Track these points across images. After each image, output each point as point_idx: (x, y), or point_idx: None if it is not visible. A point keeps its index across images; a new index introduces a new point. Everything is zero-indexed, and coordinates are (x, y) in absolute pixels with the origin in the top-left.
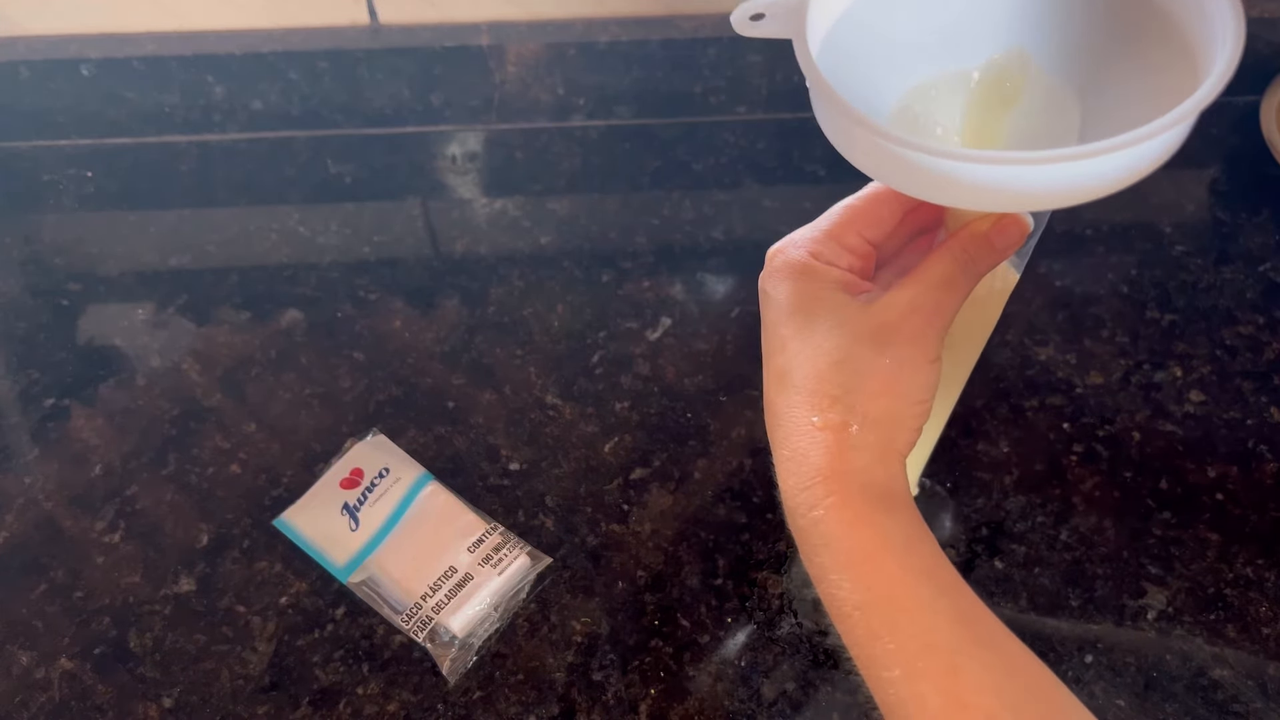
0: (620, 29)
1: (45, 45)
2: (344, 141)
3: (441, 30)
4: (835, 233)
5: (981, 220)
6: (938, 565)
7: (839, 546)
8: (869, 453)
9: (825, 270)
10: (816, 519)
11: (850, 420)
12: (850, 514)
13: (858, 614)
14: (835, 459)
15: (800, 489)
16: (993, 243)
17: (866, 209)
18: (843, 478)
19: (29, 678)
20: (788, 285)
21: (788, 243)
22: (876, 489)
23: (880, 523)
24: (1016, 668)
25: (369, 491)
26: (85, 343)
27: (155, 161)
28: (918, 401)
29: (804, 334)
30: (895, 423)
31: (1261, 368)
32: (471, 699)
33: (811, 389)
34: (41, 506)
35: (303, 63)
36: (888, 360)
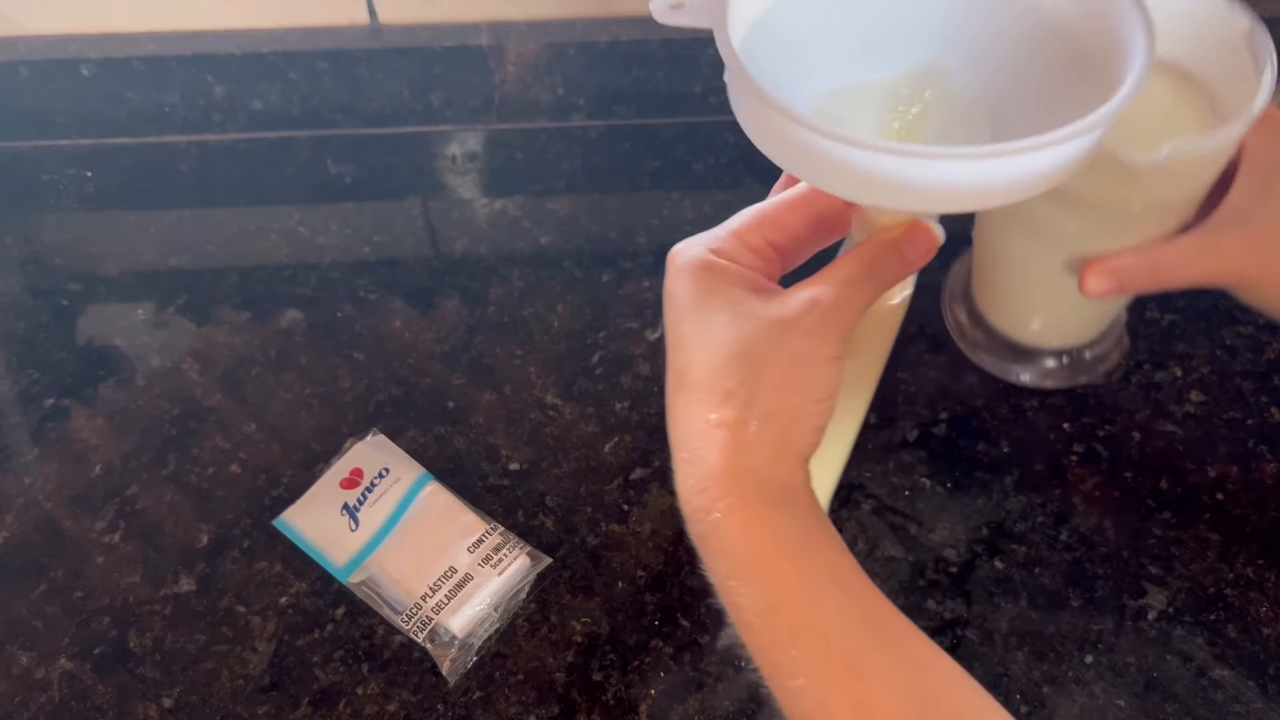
0: (620, 29)
1: (45, 45)
2: (344, 141)
3: (441, 30)
4: (739, 233)
5: (892, 229)
6: (840, 565)
7: (736, 551)
8: (765, 450)
9: (725, 266)
10: (713, 524)
11: (747, 417)
12: (746, 515)
13: (759, 621)
14: (731, 458)
15: (696, 491)
16: (902, 251)
17: (773, 213)
18: (739, 477)
19: (29, 678)
20: (686, 282)
21: (689, 242)
22: (773, 488)
23: (777, 523)
24: (924, 666)
25: (369, 491)
26: (85, 343)
27: (155, 161)
28: (818, 399)
29: (701, 330)
30: (794, 419)
31: (1261, 368)
32: (471, 699)
33: (708, 385)
34: (41, 506)
35: (303, 62)
36: (786, 354)
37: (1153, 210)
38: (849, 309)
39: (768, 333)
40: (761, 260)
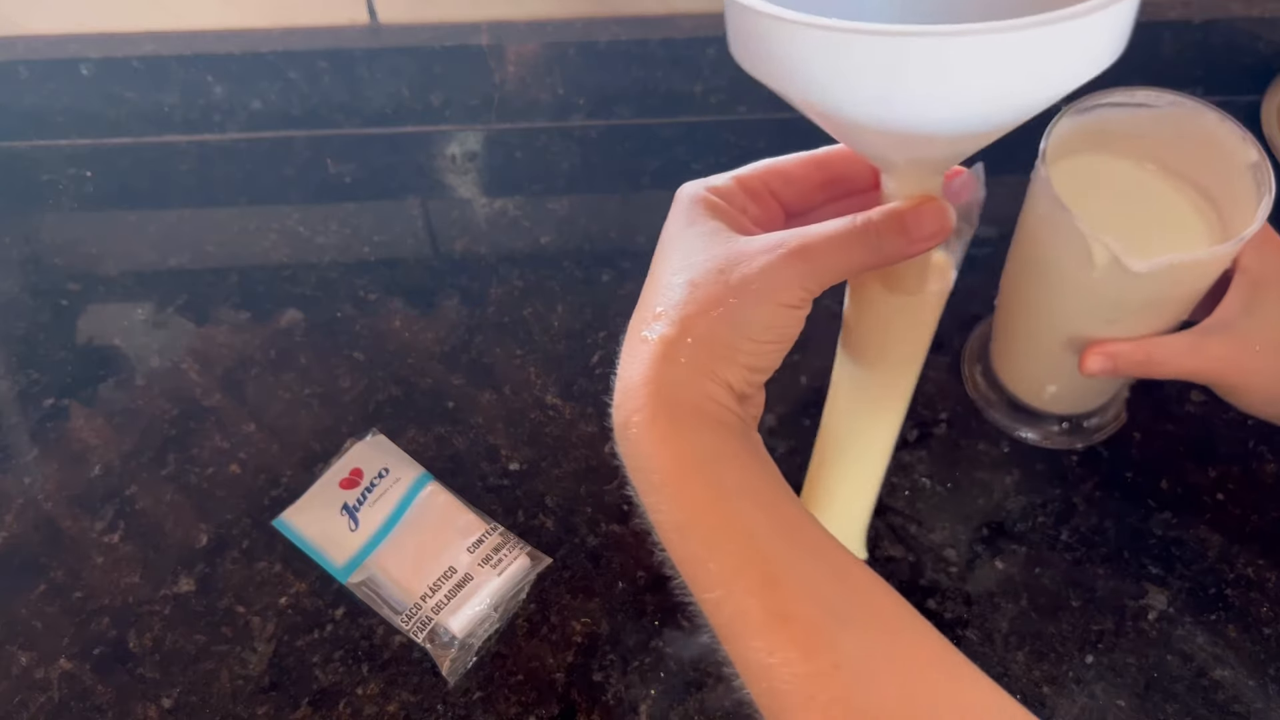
0: (620, 28)
1: (44, 45)
2: (344, 141)
3: (441, 30)
4: (741, 176)
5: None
6: (759, 481)
7: (653, 465)
8: (686, 369)
9: (714, 203)
10: (633, 437)
11: (676, 337)
12: (661, 429)
13: (676, 536)
14: (651, 372)
15: (617, 407)
16: (905, 224)
17: (784, 164)
18: (656, 390)
19: (28, 678)
20: (675, 215)
21: (694, 183)
22: (690, 405)
23: (690, 437)
24: (841, 574)
25: (368, 492)
26: (84, 343)
27: (155, 161)
28: (755, 339)
29: (669, 257)
30: (724, 348)
31: None
32: (471, 699)
33: (649, 302)
34: (41, 507)
35: (302, 62)
36: (730, 286)
37: (1152, 306)
38: (821, 262)
39: (721, 262)
40: (757, 206)
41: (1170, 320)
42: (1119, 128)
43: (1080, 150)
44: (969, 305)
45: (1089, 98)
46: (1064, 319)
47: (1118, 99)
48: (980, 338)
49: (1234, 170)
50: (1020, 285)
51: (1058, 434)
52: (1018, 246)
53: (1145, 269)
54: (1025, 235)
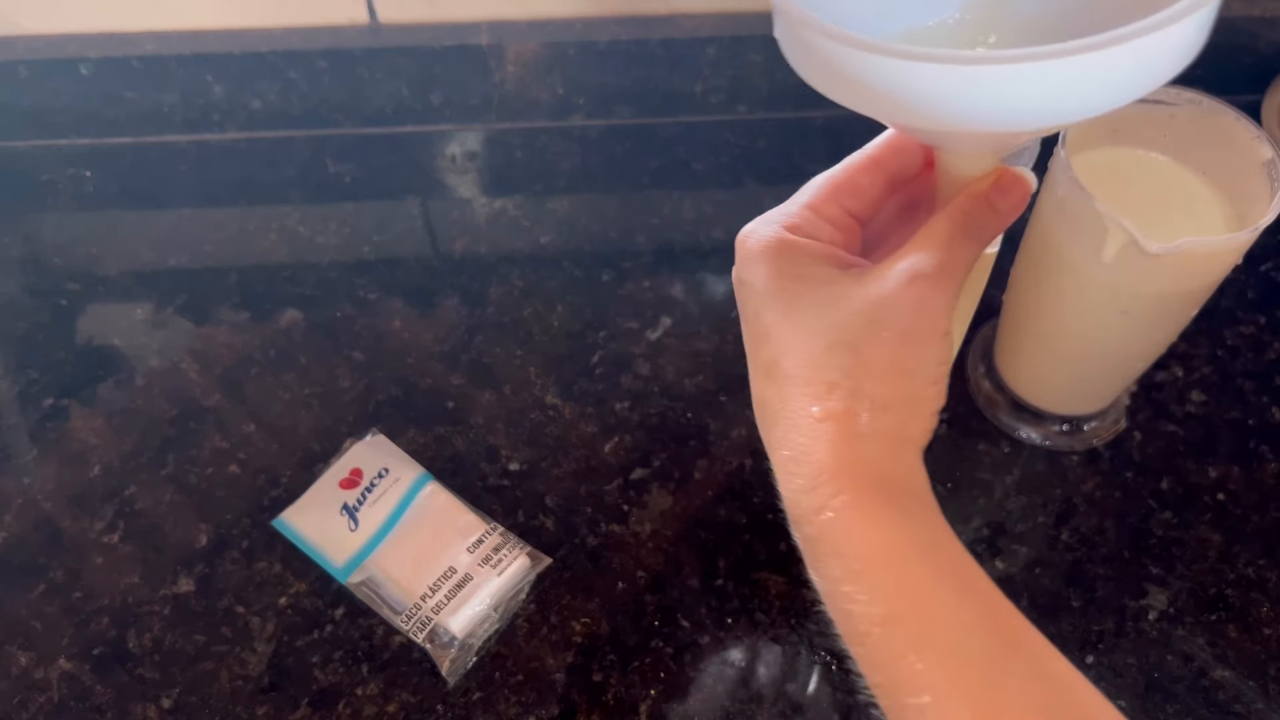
0: (620, 28)
1: (44, 45)
2: (343, 141)
3: (441, 29)
4: (813, 204)
5: (981, 180)
6: (965, 567)
7: (852, 553)
8: (881, 443)
9: (806, 245)
10: (825, 524)
11: (856, 407)
12: (863, 514)
13: (878, 631)
14: (842, 452)
15: (804, 491)
16: (994, 203)
17: (846, 178)
18: (853, 473)
19: (28, 678)
20: (764, 267)
21: (759, 222)
22: (893, 484)
23: (898, 522)
24: (1060, 681)
25: (368, 492)
26: (84, 343)
27: (154, 161)
28: (930, 381)
29: (791, 317)
30: (908, 406)
31: (1263, 368)
32: (471, 700)
33: (807, 376)
34: (40, 507)
35: (302, 62)
36: (891, 336)
37: (1165, 299)
38: (952, 276)
39: (868, 314)
40: (841, 232)
41: (1182, 315)
42: (1135, 123)
43: (1096, 144)
44: None
45: None
46: (1076, 311)
47: None
48: (985, 339)
49: (1249, 167)
50: (1032, 277)
51: (1057, 435)
52: (1031, 237)
53: (1161, 250)
54: (1039, 224)
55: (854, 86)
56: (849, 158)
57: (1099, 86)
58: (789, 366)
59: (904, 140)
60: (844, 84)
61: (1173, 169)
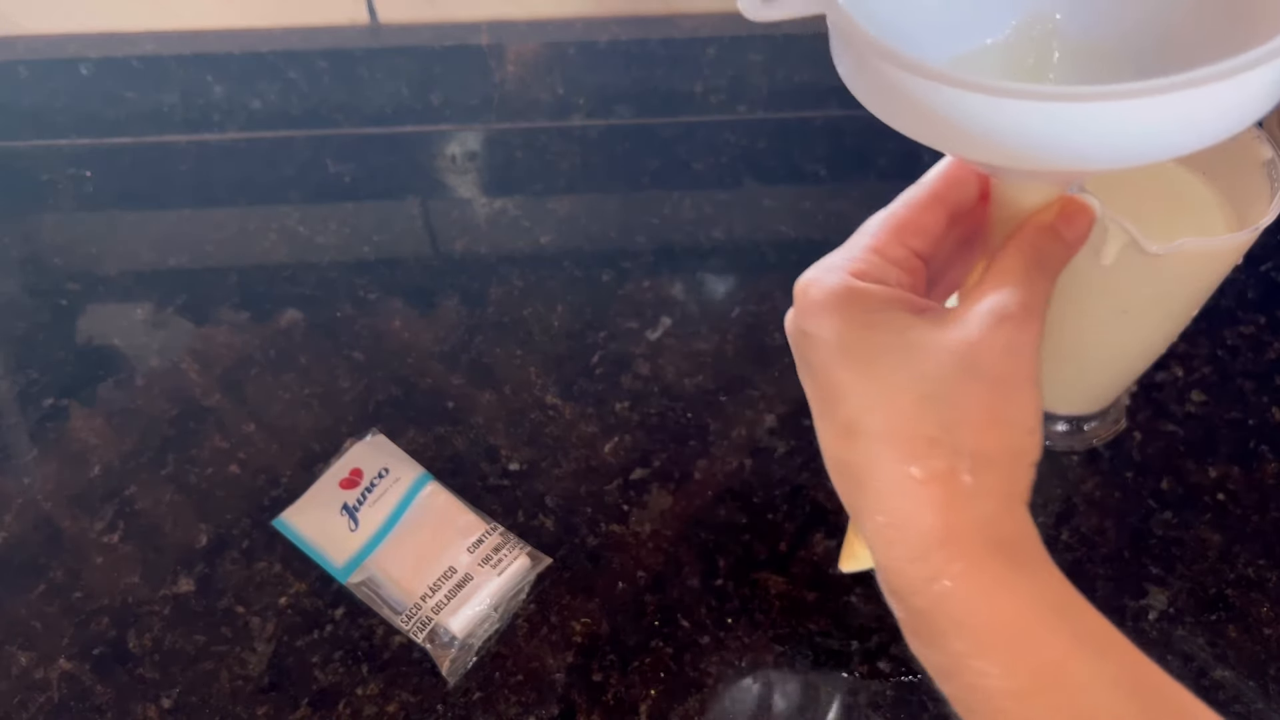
0: (620, 28)
1: (44, 44)
2: (343, 141)
3: (441, 29)
4: (878, 247)
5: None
6: (1100, 627)
7: (980, 624)
8: (992, 501)
9: (876, 291)
10: (941, 595)
11: (958, 465)
12: (987, 580)
13: (1015, 707)
14: (952, 514)
15: (911, 560)
16: (1061, 234)
17: (910, 216)
18: (967, 536)
19: (28, 678)
20: (834, 319)
21: (821, 269)
22: (1010, 544)
23: (1025, 586)
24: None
25: (368, 492)
26: (84, 343)
27: (154, 161)
28: (1029, 431)
29: (870, 371)
30: (1011, 459)
31: (1263, 368)
32: (471, 700)
33: (900, 435)
34: (40, 507)
35: (302, 62)
36: (984, 385)
37: (1164, 300)
38: (1036, 314)
39: (957, 362)
40: (909, 275)
41: (1182, 315)
42: None
43: None
44: None
45: None
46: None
47: None
48: None
49: (1249, 167)
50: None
51: (1059, 434)
52: None
53: (1161, 251)
54: None
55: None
56: (907, 194)
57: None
58: (874, 425)
59: (963, 171)
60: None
61: (1172, 169)
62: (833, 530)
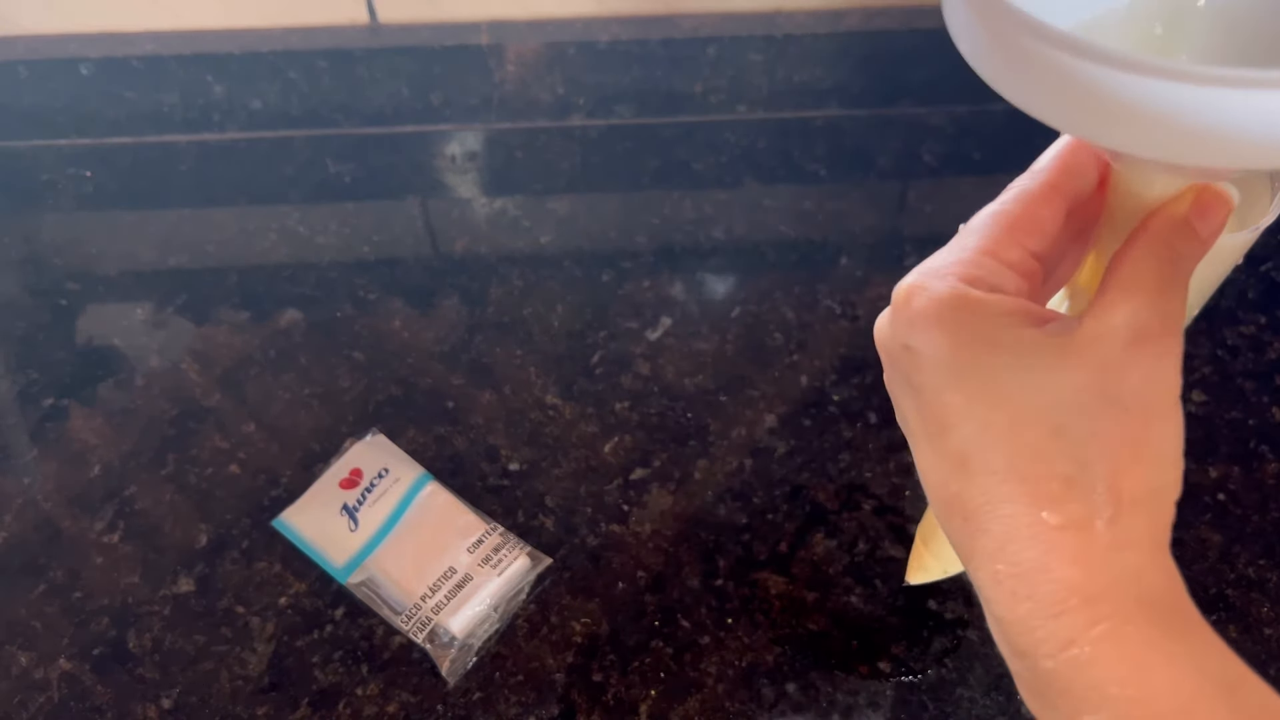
0: (620, 28)
1: (44, 44)
2: (343, 141)
3: (441, 29)
4: (991, 249)
5: (1175, 201)
6: (1267, 699)
7: (1128, 697)
8: (1140, 552)
9: (994, 301)
10: (1079, 660)
11: (1099, 509)
12: (1138, 647)
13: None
14: (1094, 568)
15: (1044, 618)
16: (1196, 229)
17: (1024, 212)
18: (1113, 594)
19: (28, 678)
20: (943, 333)
21: (926, 274)
22: (1161, 605)
23: (1182, 655)
24: None
25: (368, 492)
26: (84, 343)
27: (154, 161)
28: (1174, 464)
29: (990, 399)
30: (1158, 501)
31: (1263, 367)
32: (471, 700)
33: (1029, 474)
34: (40, 507)
35: (302, 62)
36: (1126, 415)
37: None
38: (1178, 328)
39: (1095, 388)
40: (1027, 280)
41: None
42: None
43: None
44: None
45: None
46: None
47: None
48: None
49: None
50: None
51: None
52: None
53: None
54: None
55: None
56: (1019, 185)
57: None
58: (996, 461)
59: (1081, 157)
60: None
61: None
62: (833, 530)
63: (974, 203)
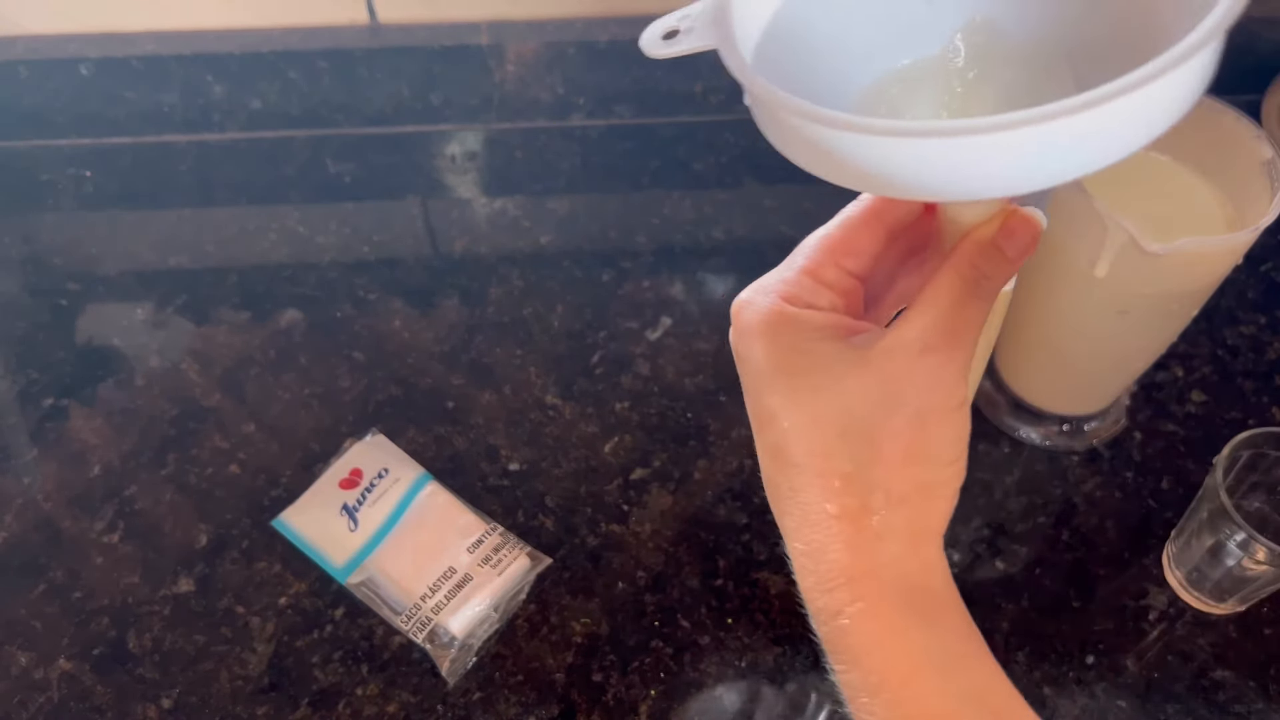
0: (620, 28)
1: (44, 44)
2: (343, 141)
3: (441, 29)
4: (810, 269)
5: (985, 225)
6: (992, 685)
7: (869, 664)
8: (899, 541)
9: (806, 316)
10: (842, 629)
11: (871, 502)
12: (882, 625)
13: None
14: (859, 553)
15: (819, 591)
16: (1003, 250)
17: (843, 237)
18: (871, 577)
19: (28, 678)
20: (763, 344)
21: (754, 291)
22: (913, 588)
23: (917, 635)
24: None
25: (368, 492)
26: (84, 343)
27: (154, 161)
28: (949, 462)
29: (795, 400)
30: (925, 495)
31: (1263, 367)
32: (471, 700)
33: (818, 468)
34: (40, 507)
35: (302, 62)
36: (905, 418)
37: (1163, 300)
38: (965, 341)
39: (878, 395)
40: (843, 296)
41: (1182, 315)
42: None
43: None
44: None
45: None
46: (1076, 311)
47: None
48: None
49: (1249, 167)
50: (1032, 276)
51: (1057, 435)
52: None
53: (1161, 250)
54: None
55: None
56: (844, 212)
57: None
58: (798, 455)
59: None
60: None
61: (1172, 169)
62: None
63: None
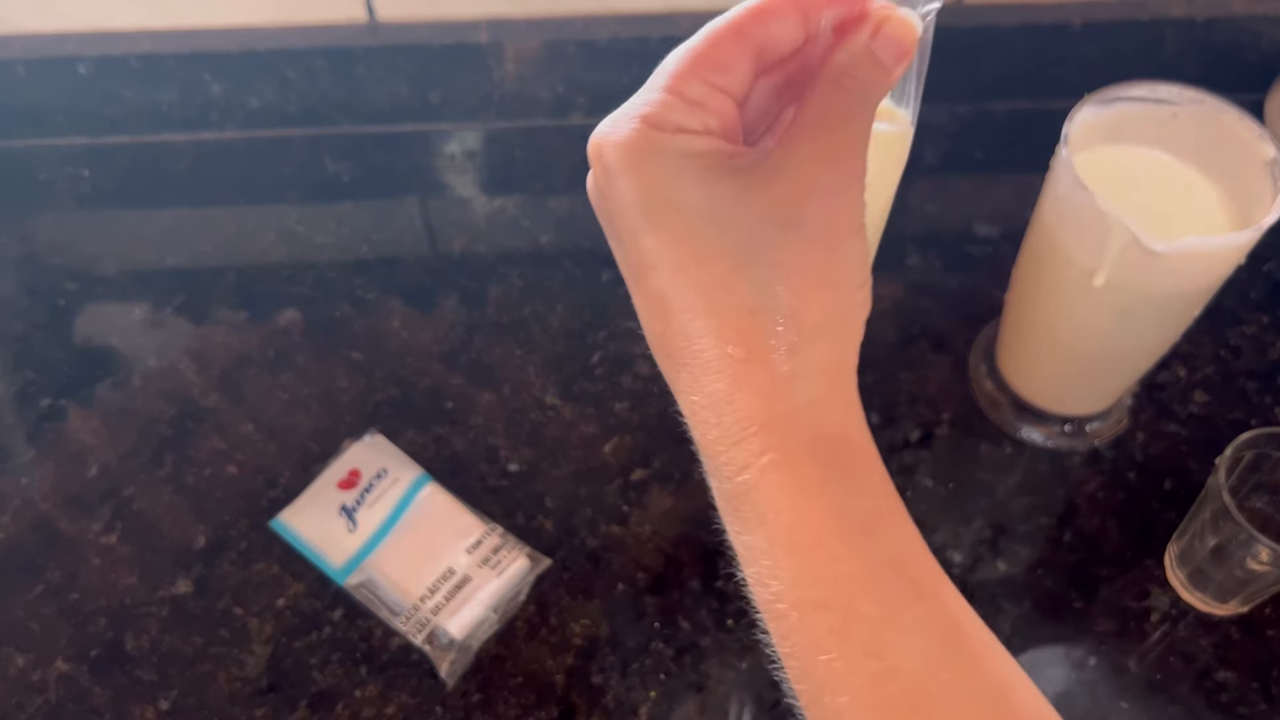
0: (620, 26)
1: (42, 43)
2: (342, 140)
3: (440, 28)
4: (675, 86)
5: (858, 32)
6: (909, 551)
7: (777, 524)
8: (815, 381)
9: (678, 142)
10: (747, 485)
11: (782, 337)
12: (792, 479)
13: (796, 615)
14: (771, 398)
15: (724, 444)
16: (879, 58)
17: (706, 50)
18: (784, 425)
19: (25, 680)
20: (631, 178)
21: (613, 122)
22: (831, 437)
23: (833, 492)
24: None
25: (367, 492)
26: (81, 343)
27: (152, 160)
28: (858, 285)
29: (675, 236)
30: (841, 325)
31: (1265, 368)
32: (470, 701)
33: (716, 308)
34: (38, 508)
35: (300, 60)
36: (808, 240)
37: (1167, 300)
38: (857, 154)
39: (777, 218)
40: (715, 115)
41: (1184, 315)
42: (1138, 122)
43: (1098, 142)
44: (972, 305)
45: (1110, 89)
46: (1078, 311)
47: (1139, 93)
48: (987, 339)
49: (1252, 166)
50: (1034, 276)
51: (1061, 435)
52: (1032, 236)
53: (1164, 250)
54: (1041, 223)
55: None
56: (707, 26)
57: None
58: (688, 298)
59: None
60: None
61: (1176, 168)
62: None
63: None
